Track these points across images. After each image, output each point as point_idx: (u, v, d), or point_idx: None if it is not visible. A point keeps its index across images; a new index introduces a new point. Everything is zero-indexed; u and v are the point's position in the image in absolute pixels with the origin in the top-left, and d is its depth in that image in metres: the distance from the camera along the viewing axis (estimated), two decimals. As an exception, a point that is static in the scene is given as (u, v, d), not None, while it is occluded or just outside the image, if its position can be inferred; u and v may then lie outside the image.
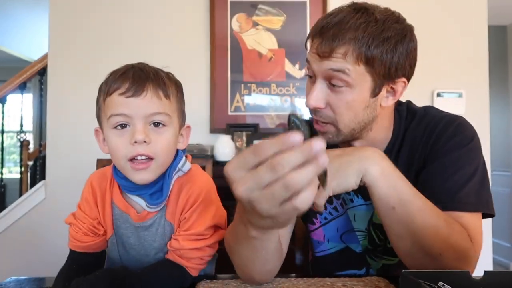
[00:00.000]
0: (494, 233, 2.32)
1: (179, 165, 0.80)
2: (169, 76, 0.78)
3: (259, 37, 2.23)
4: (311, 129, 0.43)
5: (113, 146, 0.72)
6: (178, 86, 0.79)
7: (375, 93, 0.76)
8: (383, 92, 0.77)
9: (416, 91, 2.31)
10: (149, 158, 0.72)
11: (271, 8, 2.23)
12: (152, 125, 0.73)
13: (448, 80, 2.24)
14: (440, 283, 0.54)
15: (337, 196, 0.89)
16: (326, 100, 0.77)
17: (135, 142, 0.70)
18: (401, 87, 0.78)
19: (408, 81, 0.79)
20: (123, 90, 0.71)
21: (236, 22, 2.23)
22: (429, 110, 0.87)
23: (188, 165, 0.81)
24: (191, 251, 0.76)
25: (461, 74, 2.24)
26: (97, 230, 0.80)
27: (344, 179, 0.66)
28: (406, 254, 0.71)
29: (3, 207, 2.58)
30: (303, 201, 0.41)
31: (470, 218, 0.74)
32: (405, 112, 0.87)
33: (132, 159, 0.71)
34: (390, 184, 0.66)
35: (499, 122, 3.59)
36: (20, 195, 2.56)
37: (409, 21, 0.80)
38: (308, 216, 0.93)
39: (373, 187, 0.66)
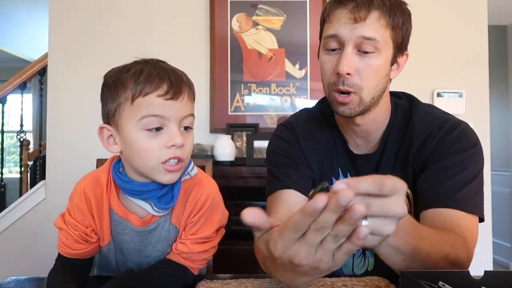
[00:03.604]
0: (494, 233, 2.31)
1: (188, 169, 0.79)
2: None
3: (259, 37, 2.23)
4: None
5: (143, 148, 0.70)
6: None
7: (394, 60, 0.82)
8: (395, 63, 0.83)
9: (416, 91, 2.30)
10: (180, 161, 0.71)
11: (271, 8, 2.23)
12: (181, 128, 0.72)
13: (448, 80, 2.24)
14: (440, 283, 0.54)
15: (336, 177, 0.91)
16: (355, 67, 0.78)
17: (172, 145, 0.69)
18: (403, 61, 0.85)
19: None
20: (162, 92, 0.68)
21: (236, 22, 2.23)
22: (434, 109, 0.90)
23: (195, 170, 0.82)
24: (198, 253, 0.77)
25: (461, 74, 2.24)
26: (89, 238, 0.77)
27: None
28: None
29: (3, 207, 2.58)
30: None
31: (468, 219, 0.76)
32: (406, 105, 0.90)
33: (164, 162, 0.70)
34: (403, 242, 0.60)
35: (499, 122, 3.59)
36: (20, 195, 2.56)
37: None
38: None
39: (386, 246, 0.60)
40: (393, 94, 0.93)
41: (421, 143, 0.83)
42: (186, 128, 0.73)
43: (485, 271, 0.56)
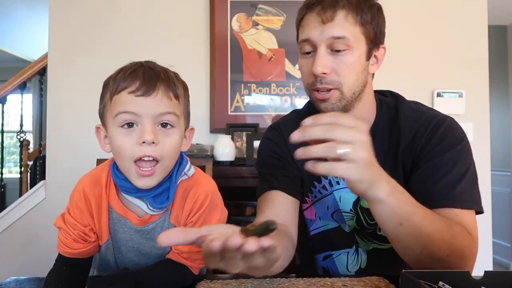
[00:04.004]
0: (494, 233, 2.31)
1: (185, 170, 0.79)
2: (177, 77, 0.77)
3: (259, 37, 2.23)
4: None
5: (118, 145, 0.70)
6: (185, 87, 0.77)
7: (369, 55, 0.83)
8: (371, 57, 0.85)
9: (416, 91, 2.32)
10: (155, 160, 0.70)
11: (271, 8, 2.23)
12: (160, 125, 0.71)
13: (448, 80, 2.24)
14: (440, 283, 0.54)
15: (325, 176, 0.93)
16: (330, 65, 0.80)
17: (143, 142, 0.68)
18: (381, 54, 0.87)
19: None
20: (133, 89, 0.69)
21: (236, 22, 2.23)
22: (419, 105, 0.91)
23: (193, 170, 0.82)
24: (198, 253, 0.76)
25: (461, 74, 2.24)
26: (88, 237, 0.77)
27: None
28: (415, 261, 0.72)
29: (3, 207, 2.58)
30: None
31: (466, 215, 0.77)
32: (392, 102, 0.91)
33: (137, 160, 0.69)
34: (399, 201, 0.65)
35: (499, 122, 3.59)
36: (20, 195, 2.56)
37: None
38: (302, 195, 0.96)
39: (382, 204, 0.63)
40: (378, 92, 0.95)
41: (410, 141, 0.85)
42: (165, 125, 0.72)
43: (485, 271, 0.56)
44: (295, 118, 0.99)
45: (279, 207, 0.88)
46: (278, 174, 0.91)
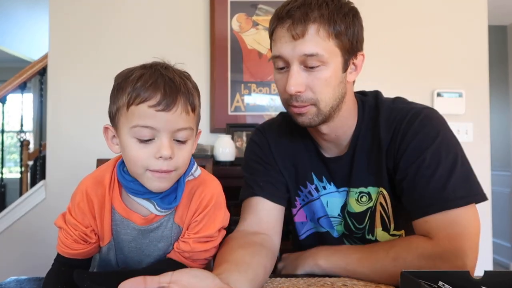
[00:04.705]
0: (494, 233, 2.32)
1: (192, 170, 0.79)
2: (193, 85, 0.74)
3: (259, 36, 2.23)
4: None
5: (133, 155, 0.69)
6: (199, 95, 0.76)
7: (346, 66, 0.80)
8: (349, 67, 0.81)
9: (416, 91, 2.32)
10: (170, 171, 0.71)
11: (271, 8, 2.23)
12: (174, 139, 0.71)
13: (448, 80, 2.24)
14: (440, 283, 0.54)
15: (311, 181, 0.92)
16: (305, 83, 0.78)
17: (160, 157, 0.68)
18: (361, 61, 0.83)
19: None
20: (154, 103, 0.67)
21: (236, 22, 2.23)
22: (397, 103, 0.88)
23: (199, 171, 0.81)
24: (200, 253, 0.77)
25: (461, 74, 2.24)
26: (88, 238, 0.77)
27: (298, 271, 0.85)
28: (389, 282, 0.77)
29: (3, 207, 2.59)
30: None
31: (462, 212, 0.73)
32: (372, 102, 0.89)
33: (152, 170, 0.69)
34: (333, 266, 0.80)
35: (499, 122, 3.59)
36: (20, 195, 2.56)
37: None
38: (290, 202, 0.96)
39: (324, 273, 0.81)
40: (359, 93, 0.93)
41: (390, 140, 0.82)
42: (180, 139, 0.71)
43: (485, 271, 0.56)
44: (281, 120, 0.98)
45: (261, 213, 0.88)
46: (260, 180, 0.91)
